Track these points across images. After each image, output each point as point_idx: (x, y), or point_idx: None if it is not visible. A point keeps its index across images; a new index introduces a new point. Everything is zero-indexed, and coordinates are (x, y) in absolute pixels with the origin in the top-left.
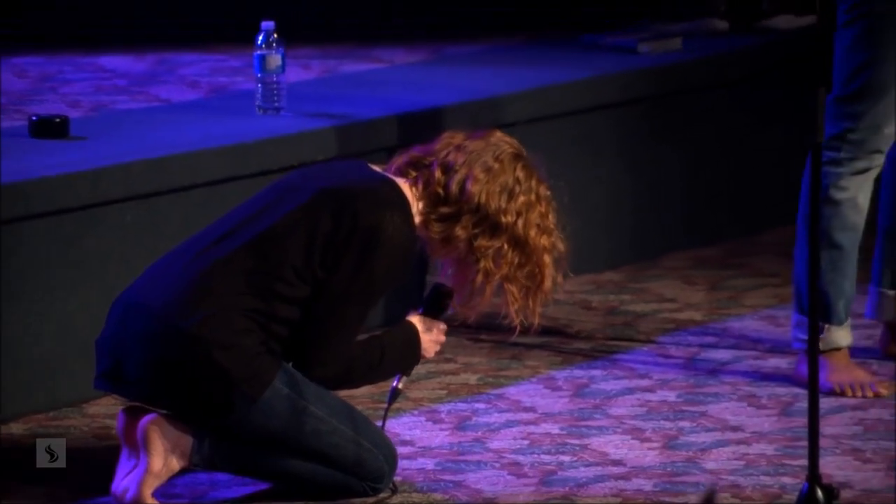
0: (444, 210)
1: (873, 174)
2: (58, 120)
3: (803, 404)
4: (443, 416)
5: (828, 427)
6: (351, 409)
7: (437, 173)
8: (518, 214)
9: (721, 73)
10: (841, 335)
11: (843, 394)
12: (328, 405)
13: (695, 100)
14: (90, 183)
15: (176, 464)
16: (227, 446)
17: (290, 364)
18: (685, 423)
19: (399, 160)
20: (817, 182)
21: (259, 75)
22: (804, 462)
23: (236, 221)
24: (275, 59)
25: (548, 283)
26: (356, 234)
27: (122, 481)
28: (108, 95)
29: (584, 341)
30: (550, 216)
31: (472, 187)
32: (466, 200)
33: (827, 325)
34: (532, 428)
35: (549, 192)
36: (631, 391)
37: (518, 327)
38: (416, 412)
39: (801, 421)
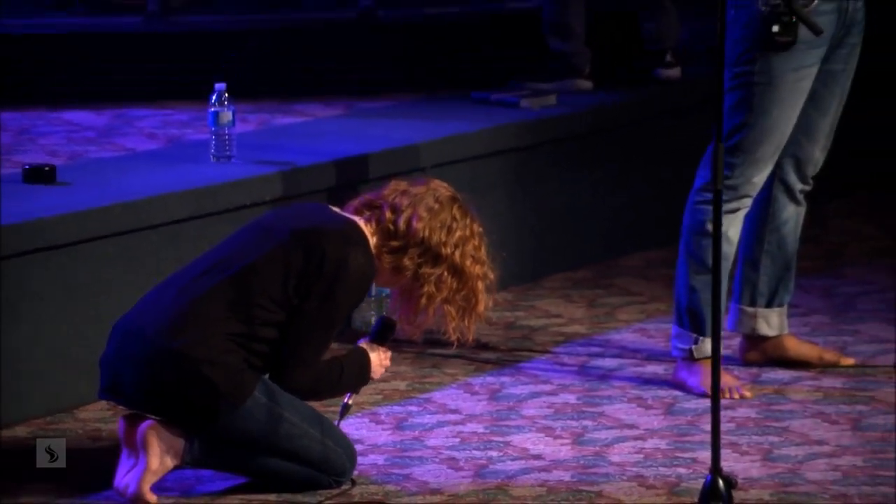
0: (394, 244)
1: (742, 213)
2: (47, 168)
3: (683, 405)
4: (383, 417)
5: (706, 424)
6: (318, 415)
7: (388, 213)
8: (455, 246)
9: (589, 124)
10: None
11: (722, 395)
12: (299, 412)
13: (568, 146)
14: (77, 223)
15: (170, 463)
16: (213, 447)
17: (268, 377)
18: (588, 422)
19: (355, 203)
20: (718, 220)
21: (213, 128)
22: (694, 454)
23: (220, 257)
24: (226, 115)
25: (481, 305)
26: (325, 267)
27: (124, 478)
28: (80, 146)
29: (491, 352)
30: (482, 248)
31: (417, 224)
32: (412, 235)
33: (701, 337)
34: (460, 427)
35: (481, 228)
36: (537, 395)
37: (456, 342)
38: (359, 415)
39: (684, 419)
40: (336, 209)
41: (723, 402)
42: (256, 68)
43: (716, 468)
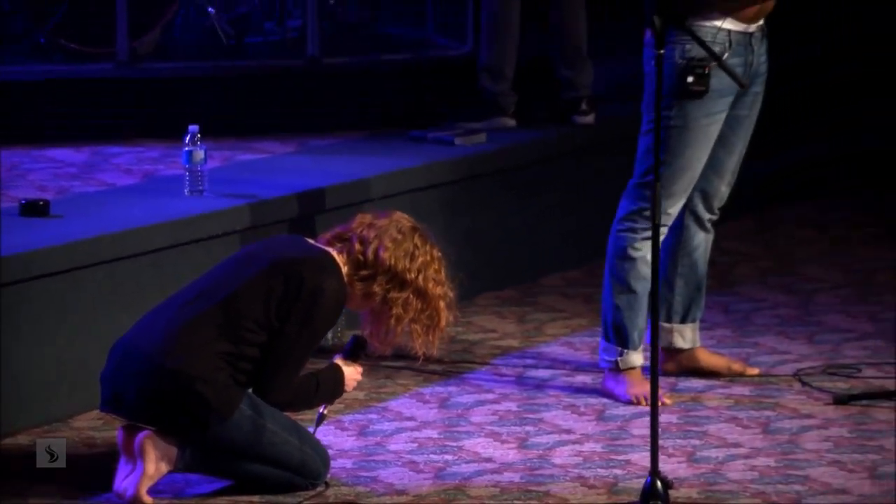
0: (364, 273)
1: (659, 240)
2: (41, 203)
3: (613, 411)
4: (347, 425)
5: (635, 429)
6: (296, 425)
7: (357, 245)
8: (419, 271)
9: (515, 160)
10: (635, 357)
11: (638, 403)
12: (280, 422)
13: (496, 180)
14: (70, 252)
15: (165, 468)
16: (204, 454)
17: (252, 391)
18: (529, 428)
19: (327, 235)
20: (656, 250)
21: (187, 165)
22: (627, 457)
23: (207, 284)
24: (199, 154)
25: (443, 322)
26: (303, 293)
27: (123, 482)
28: (65, 181)
29: (436, 364)
30: (442, 271)
31: (384, 254)
32: (380, 264)
33: (626, 350)
34: (417, 433)
35: (439, 253)
36: (482, 403)
37: (422, 356)
38: (325, 423)
39: (615, 424)
40: (311, 241)
41: (644, 408)
42: (217, 110)
43: (654, 471)
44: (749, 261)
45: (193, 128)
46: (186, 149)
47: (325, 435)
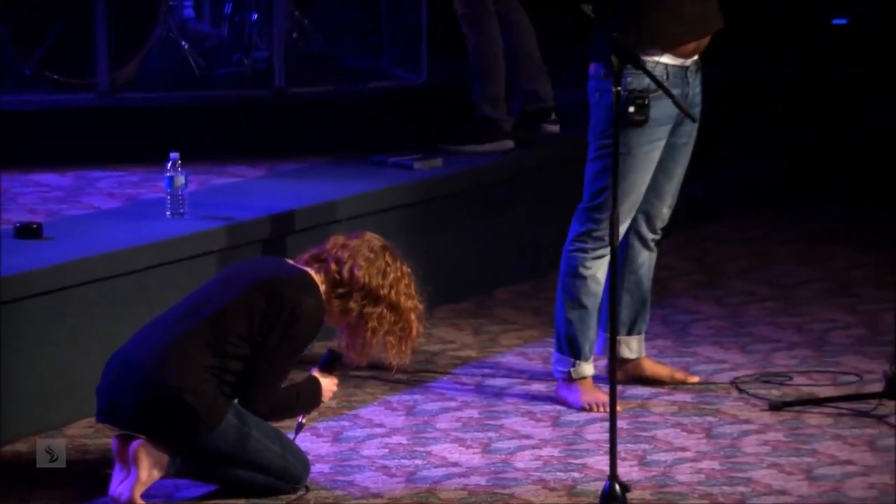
0: (340, 291)
1: (607, 259)
2: (34, 226)
3: (567, 417)
4: (321, 431)
5: (589, 434)
6: (278, 432)
7: (333, 265)
8: (391, 287)
9: (469, 182)
10: (587, 368)
11: (591, 409)
12: (263, 430)
13: (452, 200)
14: (63, 273)
15: (157, 474)
16: (193, 461)
17: (237, 402)
18: (492, 434)
19: (304, 256)
20: (615, 271)
21: (168, 190)
22: (583, 461)
23: (195, 302)
24: (180, 179)
25: (415, 332)
26: (284, 311)
27: (118, 487)
28: (54, 204)
29: (401, 373)
30: (412, 285)
31: (358, 273)
32: (355, 282)
33: (578, 361)
34: (387, 440)
35: (409, 269)
36: (446, 410)
37: (395, 366)
38: (303, 430)
39: (570, 430)
40: (290, 261)
41: (599, 415)
42: (191, 136)
43: (613, 475)
44: (683, 275)
45: (174, 155)
46: (168, 174)
47: (303, 441)
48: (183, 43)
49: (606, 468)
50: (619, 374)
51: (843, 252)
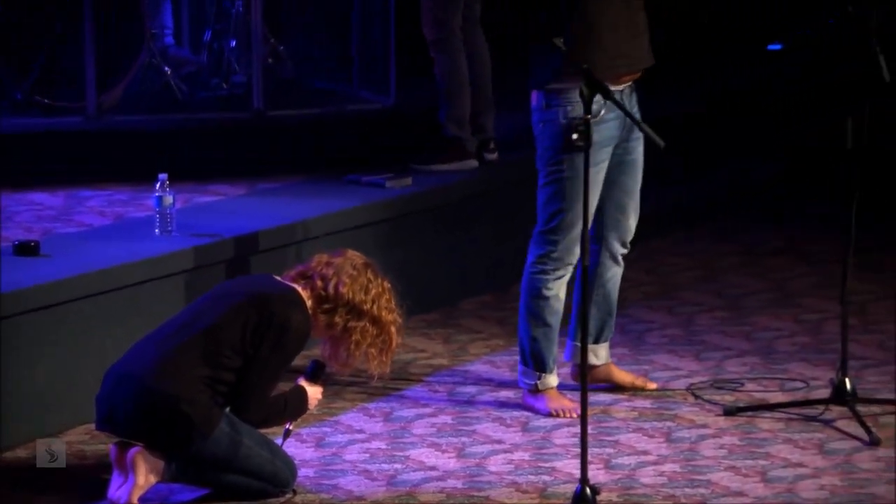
0: (326, 306)
1: (567, 278)
2: (32, 243)
3: (535, 423)
4: (305, 437)
5: (557, 439)
6: (267, 439)
7: (318, 282)
8: (373, 302)
9: (437, 199)
10: (552, 380)
11: (557, 415)
12: (253, 437)
13: (422, 217)
14: (60, 288)
15: (153, 480)
16: (188, 467)
17: (229, 410)
18: (465, 439)
19: (291, 273)
20: (586, 285)
21: (157, 209)
22: (552, 464)
23: (189, 317)
24: (168, 199)
25: (394, 344)
26: (273, 325)
27: (116, 492)
28: (48, 223)
29: (377, 381)
30: (392, 300)
31: (342, 289)
32: (339, 298)
33: (543, 374)
34: (367, 445)
35: (389, 284)
36: (421, 417)
37: (376, 375)
38: (279, 438)
39: (538, 435)
40: (278, 278)
41: (566, 420)
42: (175, 157)
43: (584, 479)
44: (636, 286)
45: (163, 176)
46: (157, 194)
47: (288, 447)
48: (166, 68)
49: (574, 471)
50: (587, 378)
51: (783, 264)
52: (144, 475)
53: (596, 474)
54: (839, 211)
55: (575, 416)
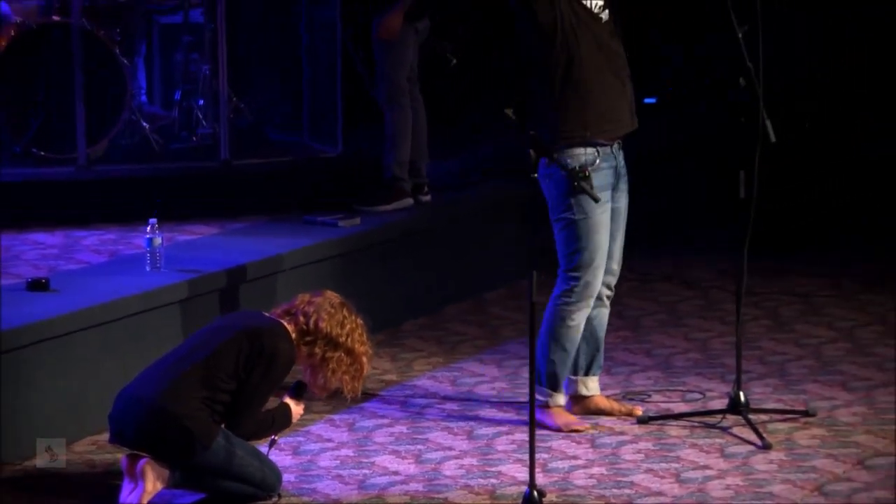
0: (308, 339)
1: (588, 311)
2: (43, 280)
3: (479, 431)
4: (282, 446)
5: (499, 445)
6: (256, 450)
7: (301, 318)
8: (348, 336)
9: (381, 236)
10: (561, 398)
11: (567, 430)
12: (245, 448)
13: (369, 252)
14: (70, 320)
15: (160, 486)
16: (189, 474)
17: (225, 426)
18: (420, 446)
19: (277, 311)
20: (535, 326)
21: (147, 248)
22: (498, 468)
23: (191, 346)
24: (157, 240)
25: (365, 372)
26: (263, 355)
27: (127, 497)
28: (52, 261)
29: (340, 395)
30: (364, 334)
31: (322, 324)
32: (319, 332)
33: (554, 393)
34: (338, 452)
35: (362, 321)
36: (380, 427)
37: (349, 397)
38: (264, 446)
39: (483, 442)
40: (267, 314)
41: (502, 428)
42: (154, 200)
43: (532, 483)
44: None
45: (152, 220)
46: (148, 236)
47: (272, 456)
48: (144, 124)
49: (518, 474)
50: (577, 409)
51: (671, 289)
52: (152, 482)
53: (535, 477)
54: (717, 243)
55: (582, 429)
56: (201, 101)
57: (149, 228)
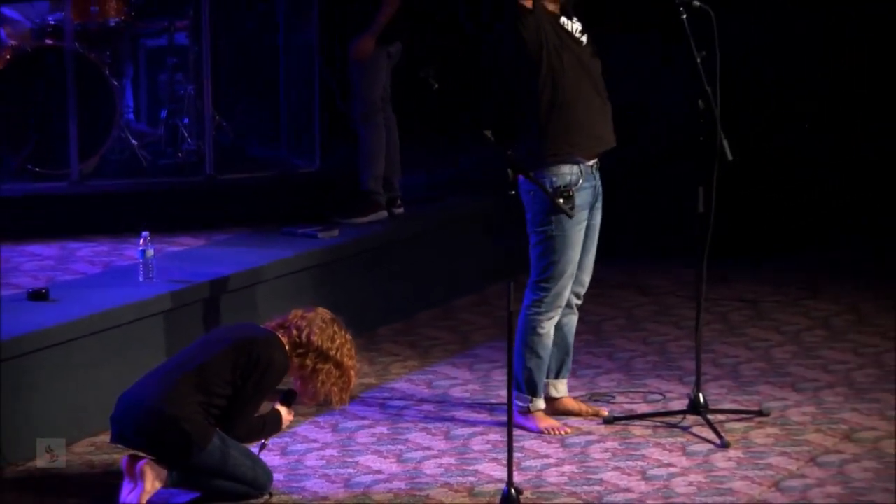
0: (300, 351)
1: (557, 319)
2: (43, 290)
3: (455, 432)
4: (270, 447)
5: (475, 445)
6: (249, 451)
7: (294, 331)
8: (337, 350)
9: (358, 247)
10: (540, 403)
11: (548, 433)
12: (238, 449)
13: (347, 262)
14: (70, 328)
15: (158, 485)
16: (186, 474)
17: (220, 429)
18: (401, 446)
19: (272, 324)
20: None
21: (141, 260)
22: (474, 467)
23: (189, 354)
24: (150, 251)
25: (353, 383)
26: (258, 365)
27: (127, 496)
28: (50, 271)
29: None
30: (353, 349)
31: (313, 338)
32: (311, 345)
33: (534, 398)
34: (323, 452)
35: (350, 336)
36: (362, 427)
37: (338, 407)
38: (255, 447)
39: (459, 442)
40: (262, 326)
41: (476, 429)
42: (143, 213)
43: (510, 482)
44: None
45: (145, 233)
46: (140, 248)
47: (262, 457)
48: (133, 141)
49: (494, 473)
50: (547, 409)
51: (628, 295)
52: (151, 482)
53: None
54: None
55: (562, 433)
56: (186, 120)
57: (141, 241)
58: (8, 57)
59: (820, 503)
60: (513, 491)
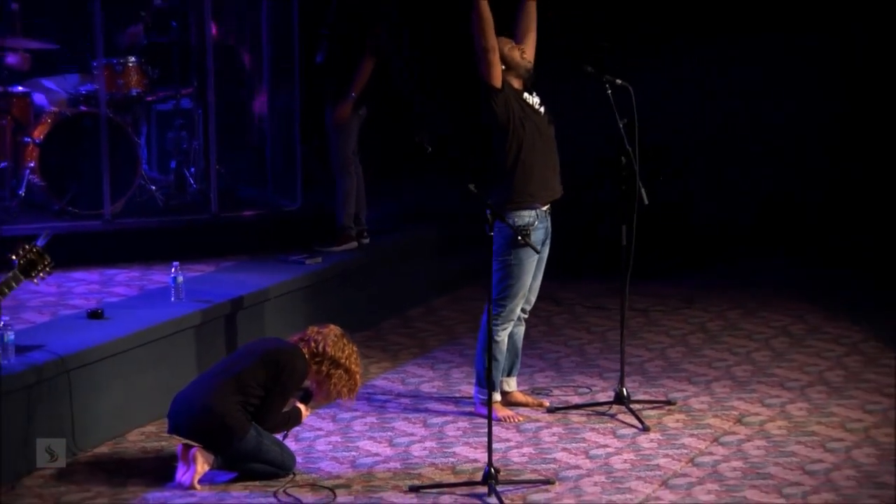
0: (317, 359)
1: (510, 329)
2: (99, 310)
3: (431, 420)
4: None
5: (449, 431)
6: (276, 439)
7: (312, 344)
8: (347, 358)
9: (338, 271)
10: (498, 395)
11: (504, 420)
12: (269, 438)
13: (329, 282)
14: (122, 341)
15: (206, 468)
16: (228, 459)
17: (254, 422)
18: (390, 433)
19: (294, 338)
20: (487, 334)
21: (172, 284)
22: (453, 450)
23: (230, 362)
24: (180, 278)
25: (358, 386)
26: (283, 370)
27: (182, 476)
28: (98, 294)
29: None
30: (358, 358)
31: (328, 349)
32: (325, 355)
33: (494, 392)
34: (329, 438)
35: (356, 347)
36: (356, 418)
37: (346, 405)
38: (280, 436)
39: (436, 429)
40: (286, 340)
41: (448, 418)
42: (163, 245)
43: (490, 462)
44: (460, 323)
45: (175, 263)
46: (173, 274)
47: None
48: (151, 186)
49: (469, 454)
50: (502, 401)
51: (545, 307)
52: (202, 465)
53: (481, 456)
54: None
55: (516, 420)
56: (192, 168)
57: (173, 269)
58: (50, 121)
59: (729, 476)
60: (492, 469)
